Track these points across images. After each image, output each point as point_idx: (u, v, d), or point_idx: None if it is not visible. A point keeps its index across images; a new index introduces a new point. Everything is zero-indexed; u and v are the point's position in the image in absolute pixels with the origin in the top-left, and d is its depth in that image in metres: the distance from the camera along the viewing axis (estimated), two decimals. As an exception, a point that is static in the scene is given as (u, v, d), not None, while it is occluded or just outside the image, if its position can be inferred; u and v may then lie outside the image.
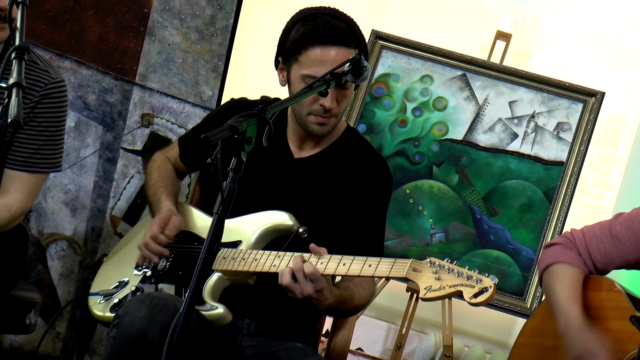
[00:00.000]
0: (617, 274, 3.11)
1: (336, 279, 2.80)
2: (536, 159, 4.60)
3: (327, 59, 2.83)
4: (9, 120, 2.20)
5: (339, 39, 2.84)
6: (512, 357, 3.16)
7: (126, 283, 3.00)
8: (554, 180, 4.56)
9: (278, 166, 3.02)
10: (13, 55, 2.35)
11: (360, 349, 4.84)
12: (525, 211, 4.56)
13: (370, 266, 2.58)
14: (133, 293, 2.93)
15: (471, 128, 4.65)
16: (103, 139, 4.17)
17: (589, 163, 4.89)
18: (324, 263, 2.63)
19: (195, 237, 2.99)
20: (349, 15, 2.94)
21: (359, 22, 2.97)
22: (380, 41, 4.77)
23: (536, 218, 4.54)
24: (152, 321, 2.56)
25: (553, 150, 4.60)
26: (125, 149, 4.18)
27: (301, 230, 2.81)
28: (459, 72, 4.71)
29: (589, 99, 4.62)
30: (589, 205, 5.09)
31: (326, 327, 3.42)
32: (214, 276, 2.79)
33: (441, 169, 4.63)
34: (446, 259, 2.48)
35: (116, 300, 2.95)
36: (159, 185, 3.13)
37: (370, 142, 3.15)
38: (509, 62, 4.87)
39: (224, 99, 4.15)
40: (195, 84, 4.17)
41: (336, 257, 2.64)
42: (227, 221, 2.22)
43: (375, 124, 4.71)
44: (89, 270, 3.23)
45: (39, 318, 3.57)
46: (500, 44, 4.86)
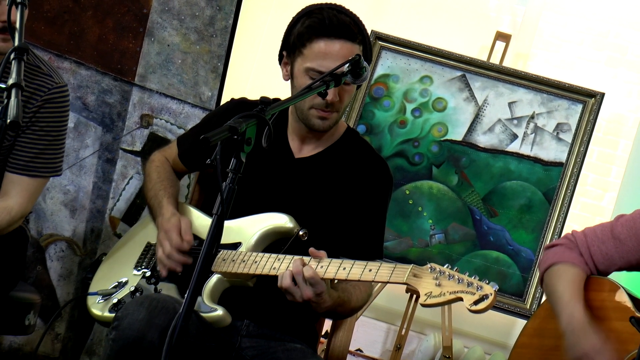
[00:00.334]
0: (617, 275, 3.11)
1: (335, 280, 2.80)
2: (536, 160, 4.60)
3: (332, 52, 2.83)
4: (8, 121, 2.19)
5: (344, 32, 2.84)
6: (513, 357, 3.16)
7: (125, 283, 3.00)
8: (553, 181, 4.56)
9: (279, 166, 3.01)
10: (12, 56, 2.35)
11: (359, 349, 4.84)
12: (524, 212, 4.56)
13: (370, 271, 2.57)
14: (132, 293, 2.93)
15: (471, 129, 4.65)
16: (102, 139, 4.16)
17: (588, 164, 4.89)
18: (324, 267, 2.63)
19: (195, 238, 2.98)
20: (354, 13, 2.94)
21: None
22: (380, 42, 4.76)
23: (536, 219, 4.54)
24: (151, 323, 2.56)
25: (553, 151, 4.60)
26: (125, 150, 4.18)
27: (301, 233, 2.81)
28: (459, 73, 4.71)
29: (589, 100, 4.62)
30: (589, 206, 5.09)
31: (325, 328, 3.41)
32: (214, 278, 2.78)
33: (441, 169, 4.63)
34: (447, 265, 2.48)
35: (115, 300, 2.95)
36: (158, 187, 3.12)
37: (369, 143, 3.15)
38: (508, 63, 4.86)
39: (223, 100, 4.14)
40: (194, 84, 4.16)
41: (336, 261, 2.63)
42: (227, 222, 2.22)
43: (375, 124, 4.70)
44: (87, 269, 3.22)
45: (38, 319, 3.57)
46: (500, 44, 4.86)
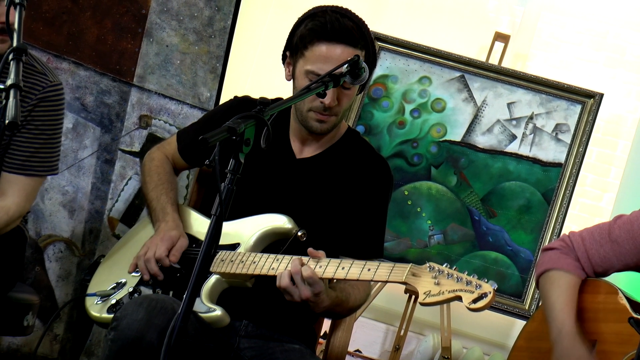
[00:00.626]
0: (615, 276, 3.11)
1: (333, 280, 2.80)
2: (535, 161, 4.60)
3: (332, 56, 2.83)
4: (6, 121, 2.19)
5: (346, 37, 2.84)
6: (511, 359, 3.16)
7: (123, 284, 3.00)
8: (552, 181, 4.56)
9: (280, 166, 3.01)
10: (11, 57, 2.34)
11: (358, 350, 4.84)
12: (523, 213, 4.56)
13: (369, 270, 2.57)
14: (130, 294, 2.92)
15: (469, 129, 4.65)
16: (101, 140, 4.16)
17: (587, 164, 4.89)
18: (322, 266, 2.63)
19: (193, 239, 2.98)
20: (360, 17, 2.93)
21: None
22: (379, 42, 4.76)
23: (535, 219, 4.54)
24: (150, 324, 2.56)
25: (551, 151, 4.60)
26: (123, 151, 4.17)
27: (300, 233, 2.81)
28: (457, 74, 4.71)
29: (588, 101, 4.62)
30: (588, 206, 5.09)
31: (324, 329, 3.41)
32: (212, 278, 2.78)
33: (439, 170, 4.63)
34: (445, 264, 2.48)
35: (113, 302, 2.94)
36: (160, 190, 3.11)
37: (369, 142, 3.15)
38: (507, 64, 4.86)
39: (221, 101, 4.14)
40: (193, 85, 4.16)
41: (335, 261, 2.63)
42: (226, 224, 2.21)
43: (374, 125, 4.70)
44: (85, 271, 3.22)
45: (36, 320, 3.57)
46: (499, 45, 4.86)
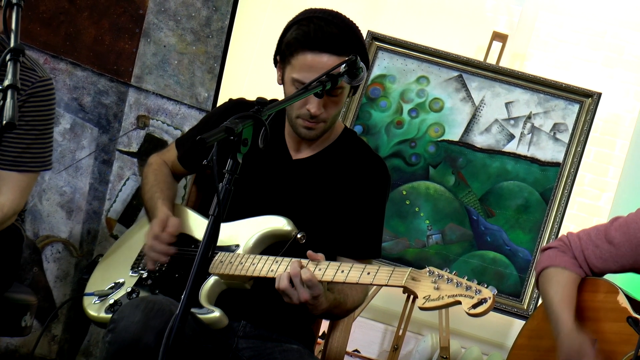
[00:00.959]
0: (614, 275, 3.11)
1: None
2: (533, 160, 4.59)
3: (316, 66, 2.81)
4: (4, 122, 2.19)
5: (330, 46, 2.81)
6: (511, 358, 3.16)
7: (122, 284, 2.99)
8: (550, 181, 4.56)
9: (276, 167, 3.01)
10: (8, 57, 2.34)
11: (357, 350, 4.84)
12: (521, 212, 4.55)
13: (368, 274, 2.57)
14: (128, 294, 2.92)
15: (467, 129, 4.65)
16: (98, 141, 4.16)
17: (585, 164, 4.89)
18: (322, 269, 2.63)
19: (191, 240, 2.98)
20: (349, 20, 2.90)
21: (355, 23, 2.95)
22: (376, 42, 4.76)
23: (533, 219, 4.54)
24: (147, 326, 2.55)
25: (549, 151, 4.60)
26: (121, 151, 4.17)
27: (299, 236, 2.80)
28: (455, 73, 4.71)
29: (586, 100, 4.62)
30: (586, 206, 5.09)
31: (323, 329, 3.41)
32: (211, 280, 2.78)
33: (437, 170, 4.63)
34: (445, 268, 2.47)
35: (111, 301, 2.94)
36: (154, 190, 3.11)
37: (366, 142, 3.14)
38: (505, 63, 4.86)
39: (219, 101, 4.14)
40: (190, 85, 4.16)
41: (334, 264, 2.63)
42: (224, 225, 2.22)
43: (372, 125, 4.70)
44: (84, 271, 3.22)
45: (34, 320, 3.56)
46: (497, 44, 4.86)
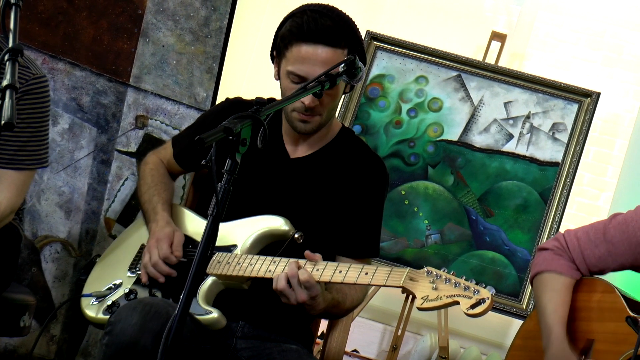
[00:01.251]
0: (611, 275, 3.11)
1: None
2: (531, 160, 4.59)
3: (309, 57, 2.82)
4: (2, 122, 2.19)
5: (323, 37, 2.81)
6: (508, 359, 3.16)
7: (119, 285, 2.99)
8: (549, 181, 4.56)
9: (274, 166, 3.01)
10: (6, 57, 2.34)
11: (355, 350, 4.84)
12: (520, 212, 4.55)
13: (366, 274, 2.57)
14: (126, 295, 2.92)
15: (466, 129, 4.65)
16: (97, 141, 4.15)
17: (584, 164, 4.89)
18: (320, 270, 2.62)
19: (189, 240, 2.97)
20: (345, 14, 2.91)
21: (352, 18, 2.95)
22: (375, 42, 4.76)
23: (532, 219, 4.54)
24: (145, 328, 2.55)
25: (548, 150, 4.59)
26: (120, 151, 4.17)
27: (297, 235, 2.80)
28: (454, 73, 4.71)
29: (585, 100, 4.61)
30: (585, 206, 5.09)
31: (321, 329, 3.41)
32: (209, 280, 2.77)
33: (436, 170, 4.63)
34: (443, 268, 2.47)
35: (109, 302, 2.94)
36: (152, 192, 3.10)
37: (363, 140, 3.14)
38: (504, 63, 4.86)
39: (218, 101, 4.13)
40: (189, 85, 4.16)
41: (332, 264, 2.63)
42: (222, 225, 2.21)
43: (370, 125, 4.70)
44: (81, 271, 3.21)
45: (33, 320, 3.56)
46: (496, 44, 4.85)
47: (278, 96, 2.93)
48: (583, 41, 5.15)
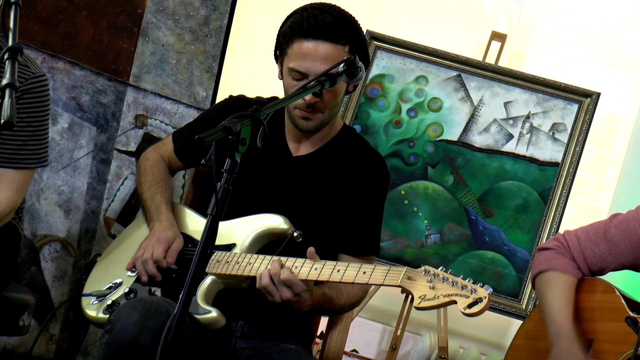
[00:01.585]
0: (611, 275, 3.11)
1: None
2: (531, 160, 4.59)
3: (310, 53, 2.82)
4: (2, 121, 2.18)
5: (323, 33, 2.82)
6: (508, 359, 3.15)
7: (119, 284, 2.99)
8: (549, 181, 4.56)
9: (277, 165, 3.01)
10: (6, 56, 2.33)
11: (355, 350, 4.83)
12: (520, 212, 4.55)
13: (364, 273, 2.57)
14: (126, 294, 2.92)
15: (466, 129, 4.65)
16: (97, 140, 4.15)
17: (584, 164, 4.89)
18: (318, 269, 2.62)
19: (189, 239, 2.97)
20: (346, 12, 2.92)
21: (354, 16, 2.95)
22: (375, 42, 4.76)
23: (531, 219, 4.53)
24: (144, 327, 2.55)
25: (548, 151, 4.59)
26: (119, 150, 4.17)
27: (295, 234, 2.80)
28: (454, 73, 4.70)
29: (585, 100, 4.61)
30: (585, 206, 5.08)
31: (321, 329, 3.40)
32: (208, 279, 2.77)
33: (436, 170, 4.62)
34: (441, 267, 2.47)
35: (109, 302, 2.94)
36: (154, 190, 3.10)
37: (365, 139, 3.14)
38: (504, 63, 4.86)
39: (218, 100, 4.13)
40: (189, 84, 4.16)
41: (331, 263, 2.63)
42: (221, 224, 2.21)
43: (370, 124, 4.70)
44: (82, 270, 3.21)
45: (32, 320, 3.56)
46: (496, 44, 4.85)
47: (279, 95, 2.94)
48: (583, 41, 5.15)
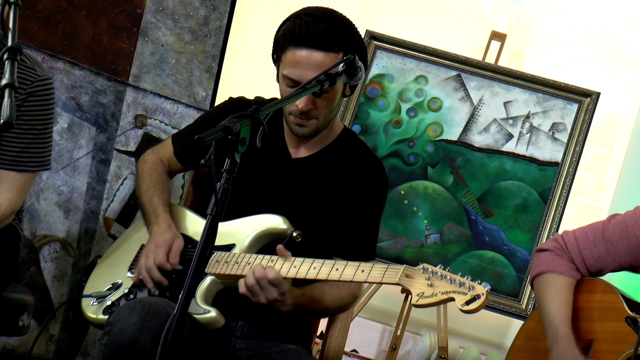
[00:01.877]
0: (610, 276, 3.11)
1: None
2: (531, 160, 4.59)
3: (302, 62, 2.81)
4: (1, 121, 2.18)
5: (315, 42, 2.80)
6: (508, 360, 3.16)
7: (119, 285, 2.99)
8: (549, 181, 4.56)
9: (276, 166, 3.01)
10: (5, 56, 2.33)
11: (355, 350, 4.83)
12: (520, 212, 4.55)
13: (363, 272, 2.57)
14: (126, 295, 2.92)
15: (466, 129, 4.64)
16: (96, 140, 4.15)
17: (584, 164, 4.89)
18: (316, 268, 2.62)
19: (188, 240, 2.97)
20: (344, 17, 2.90)
21: (352, 21, 2.94)
22: (375, 41, 4.76)
23: (531, 219, 4.53)
24: (144, 328, 2.55)
25: (548, 150, 4.59)
26: (119, 150, 4.16)
27: (295, 234, 2.80)
28: (454, 73, 4.70)
29: (584, 100, 4.61)
30: (585, 206, 5.08)
31: (320, 329, 3.40)
32: (207, 280, 2.77)
33: (436, 169, 4.62)
34: (439, 265, 2.47)
35: (109, 303, 2.94)
36: (152, 192, 3.09)
37: (365, 143, 3.14)
38: (503, 63, 4.86)
39: (217, 100, 4.13)
40: (188, 84, 4.15)
41: (329, 262, 2.63)
42: (221, 224, 2.21)
43: (370, 124, 4.70)
44: (82, 272, 3.21)
45: (32, 320, 3.55)
46: (495, 44, 4.85)
47: (279, 96, 2.93)
48: (583, 41, 5.15)
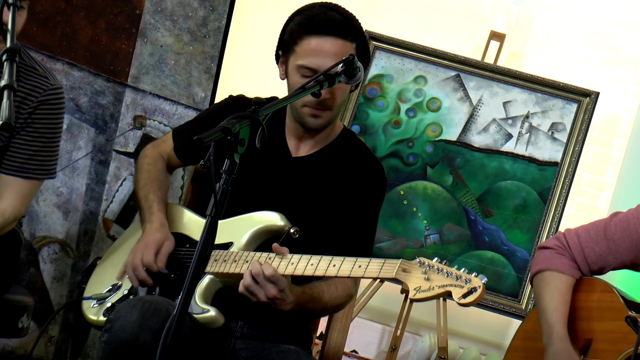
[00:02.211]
0: (610, 275, 3.11)
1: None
2: (530, 160, 4.59)
3: (321, 49, 2.84)
4: (0, 122, 2.18)
5: (333, 29, 2.85)
6: (507, 360, 3.16)
7: (119, 287, 2.99)
8: (548, 180, 4.56)
9: (276, 165, 3.01)
10: (4, 58, 2.33)
11: (354, 351, 4.83)
12: (519, 212, 4.55)
13: (360, 267, 2.57)
14: (126, 297, 2.92)
15: (465, 129, 4.64)
16: (95, 141, 4.15)
17: (583, 163, 4.89)
18: (314, 264, 2.62)
19: (187, 239, 2.97)
20: (350, 11, 2.94)
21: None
22: (374, 42, 4.75)
23: (531, 219, 4.53)
24: (144, 325, 2.55)
25: (547, 150, 4.59)
26: (118, 151, 4.16)
27: (292, 230, 2.80)
28: (453, 73, 4.70)
29: (584, 99, 4.61)
30: (584, 205, 5.08)
31: (320, 330, 3.40)
32: (206, 279, 2.77)
33: (435, 170, 4.62)
34: (435, 258, 2.48)
35: (109, 304, 2.94)
36: (148, 189, 3.09)
37: (365, 143, 3.14)
38: (503, 63, 4.86)
39: (216, 101, 4.13)
40: (187, 85, 4.15)
41: (327, 258, 2.63)
42: (219, 222, 2.20)
43: (369, 125, 4.70)
44: (82, 274, 3.21)
45: (31, 322, 3.55)
46: (494, 44, 4.85)
47: (278, 95, 2.93)
48: (582, 41, 5.15)
